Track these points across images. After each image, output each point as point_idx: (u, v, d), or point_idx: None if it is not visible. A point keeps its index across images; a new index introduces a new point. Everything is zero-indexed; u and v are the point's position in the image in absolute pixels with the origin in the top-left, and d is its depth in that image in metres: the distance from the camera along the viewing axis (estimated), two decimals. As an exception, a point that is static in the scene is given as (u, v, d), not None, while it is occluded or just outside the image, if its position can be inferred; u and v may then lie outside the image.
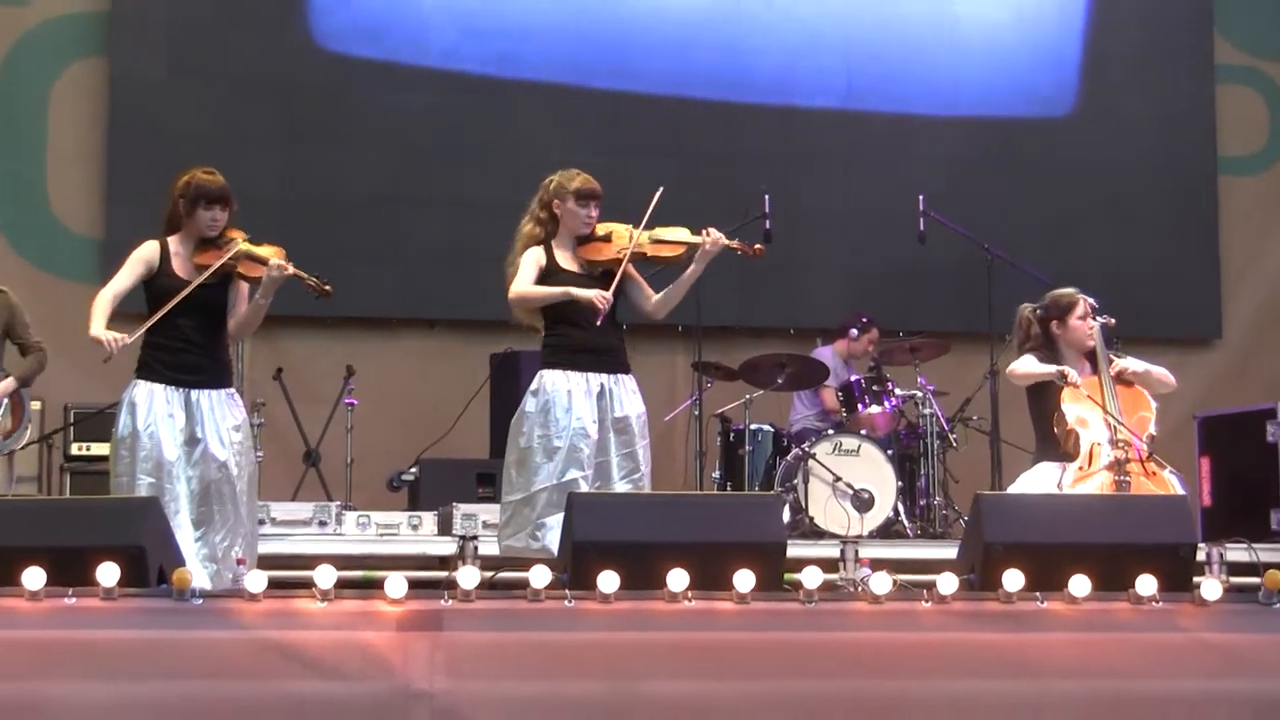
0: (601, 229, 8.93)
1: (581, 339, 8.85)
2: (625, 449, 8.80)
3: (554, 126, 14.58)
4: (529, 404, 8.89)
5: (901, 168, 14.52)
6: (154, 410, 8.40)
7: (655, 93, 14.95)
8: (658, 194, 8.91)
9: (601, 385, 8.82)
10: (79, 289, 13.41)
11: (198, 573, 8.03)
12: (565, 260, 8.92)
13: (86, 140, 14.30)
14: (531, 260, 8.92)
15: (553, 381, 8.84)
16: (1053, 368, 8.87)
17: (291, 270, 8.47)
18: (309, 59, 14.59)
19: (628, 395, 8.88)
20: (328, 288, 8.63)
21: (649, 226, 8.87)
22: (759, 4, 15.20)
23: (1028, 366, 8.97)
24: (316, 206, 13.39)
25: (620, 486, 8.72)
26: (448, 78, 14.81)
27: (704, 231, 8.80)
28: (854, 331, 13.16)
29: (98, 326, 8.39)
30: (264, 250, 8.54)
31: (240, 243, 8.52)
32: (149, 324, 8.45)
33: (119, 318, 8.51)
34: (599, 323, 8.68)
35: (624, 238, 8.85)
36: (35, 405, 12.20)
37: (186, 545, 8.19)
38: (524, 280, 8.91)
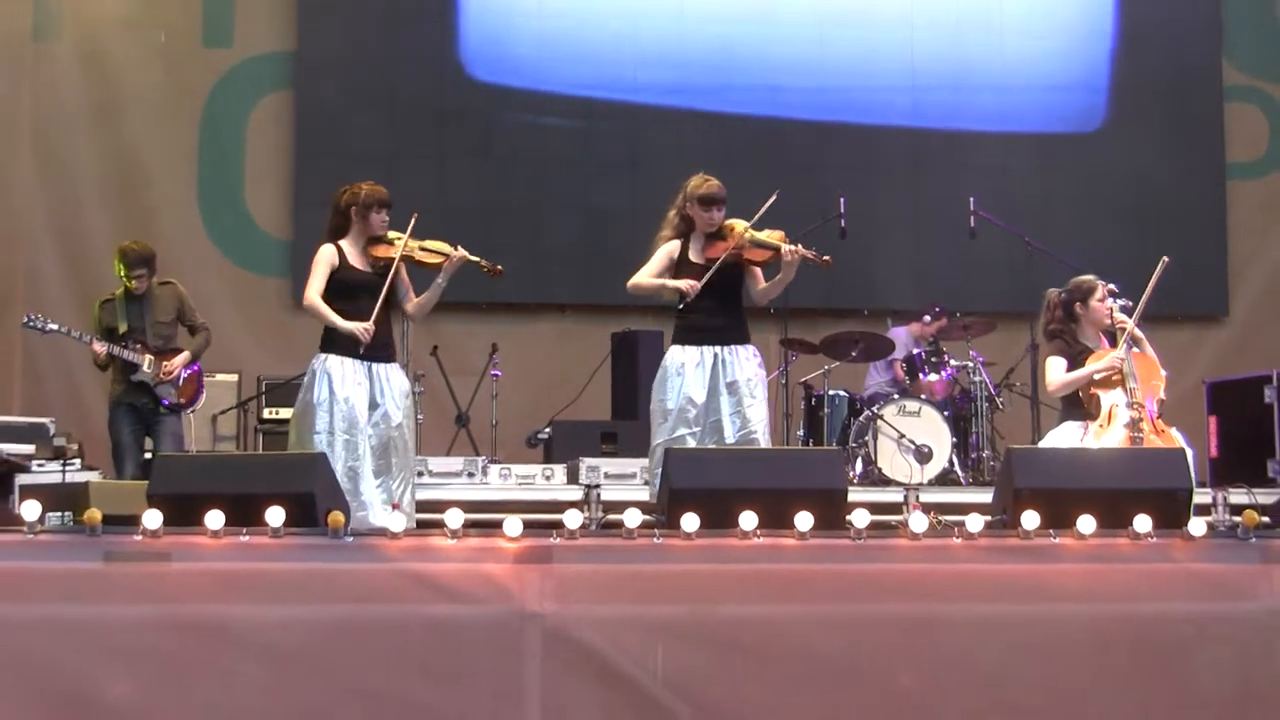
0: (726, 227, 8.97)
1: (696, 320, 8.96)
2: (736, 408, 8.83)
3: (667, 143, 14.56)
4: (658, 375, 9.07)
5: (956, 174, 14.43)
6: (346, 379, 8.60)
7: (752, 113, 14.95)
8: (771, 198, 8.95)
9: (715, 355, 8.89)
10: (271, 282, 13.66)
11: (379, 513, 8.18)
12: (694, 254, 9.02)
13: (277, 159, 14.50)
14: (663, 253, 9.09)
15: (671, 356, 9.01)
16: (1084, 371, 8.73)
17: (468, 256, 8.76)
18: (461, 88, 14.70)
19: (740, 362, 8.92)
20: (499, 268, 8.90)
21: (758, 227, 8.91)
22: (838, 40, 15.15)
23: (1062, 377, 8.82)
24: (468, 212, 13.40)
25: (734, 440, 8.77)
26: (578, 103, 14.90)
27: (789, 243, 8.83)
28: (927, 318, 13.10)
29: (344, 322, 8.65)
30: (435, 243, 8.79)
31: (406, 238, 8.72)
32: (374, 314, 8.64)
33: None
34: (688, 301, 8.82)
35: (734, 237, 8.90)
36: (233, 377, 12.41)
37: (370, 491, 8.36)
38: (642, 272, 9.11)
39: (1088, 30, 15.70)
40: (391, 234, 8.79)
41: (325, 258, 8.76)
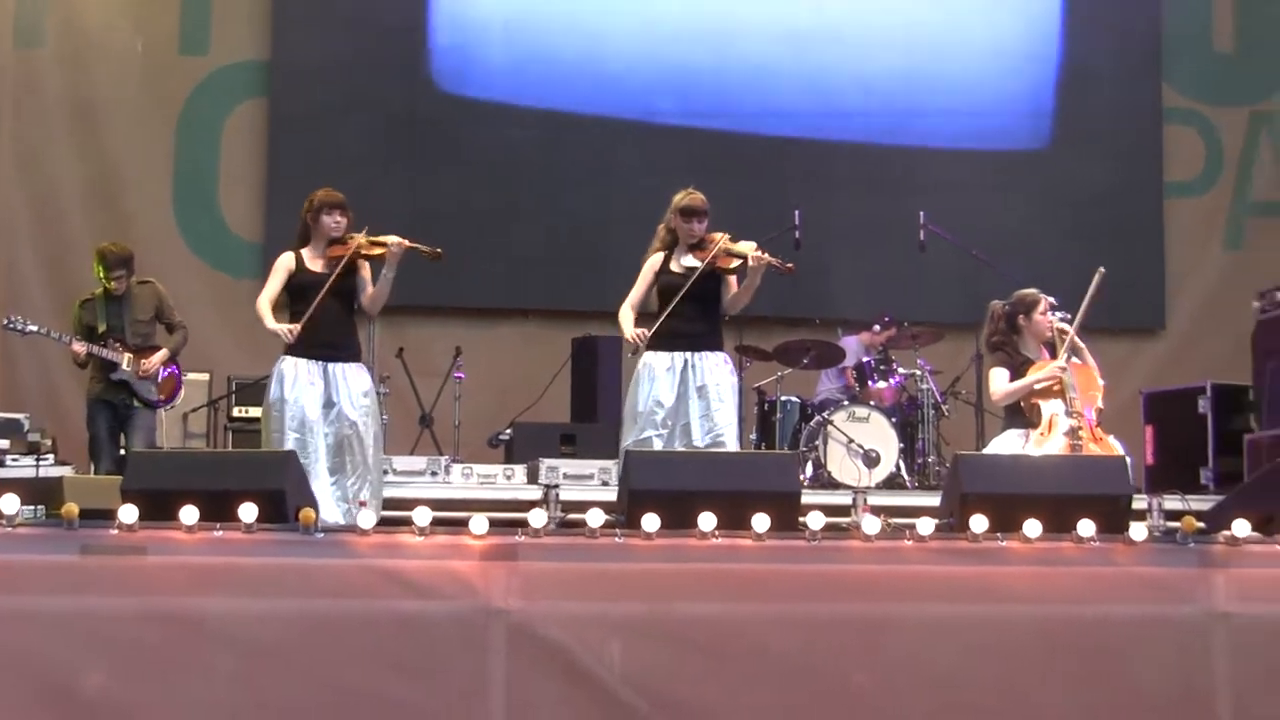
0: (707, 238, 9.04)
1: (670, 325, 8.97)
2: (705, 412, 8.89)
3: (630, 155, 14.59)
4: (632, 379, 9.13)
5: (907, 189, 14.43)
6: (299, 380, 8.60)
7: (712, 127, 14.95)
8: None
9: (685, 360, 8.94)
10: (243, 284, 13.60)
11: (332, 511, 8.17)
12: (677, 265, 9.08)
13: (251, 164, 14.45)
14: (647, 269, 9.17)
15: (644, 360, 9.04)
16: (1026, 381, 8.75)
17: (408, 244, 8.71)
18: (432, 98, 14.67)
19: (710, 368, 8.98)
20: (439, 250, 8.85)
21: (734, 239, 8.99)
22: (796, 59, 15.19)
23: (1005, 387, 8.83)
24: (436, 218, 13.34)
25: (703, 443, 8.82)
26: (545, 115, 14.87)
27: (758, 250, 8.91)
28: (877, 327, 13.13)
29: (272, 324, 8.69)
30: (384, 237, 8.76)
31: (362, 237, 8.73)
32: (307, 314, 8.63)
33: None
34: (635, 350, 9.01)
35: (712, 248, 8.98)
36: (204, 376, 12.35)
37: (323, 489, 8.35)
38: (631, 295, 9.17)
39: (1034, 52, 15.76)
40: (351, 236, 8.80)
41: (281, 264, 8.86)
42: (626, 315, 9.12)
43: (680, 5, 15.28)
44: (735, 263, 8.95)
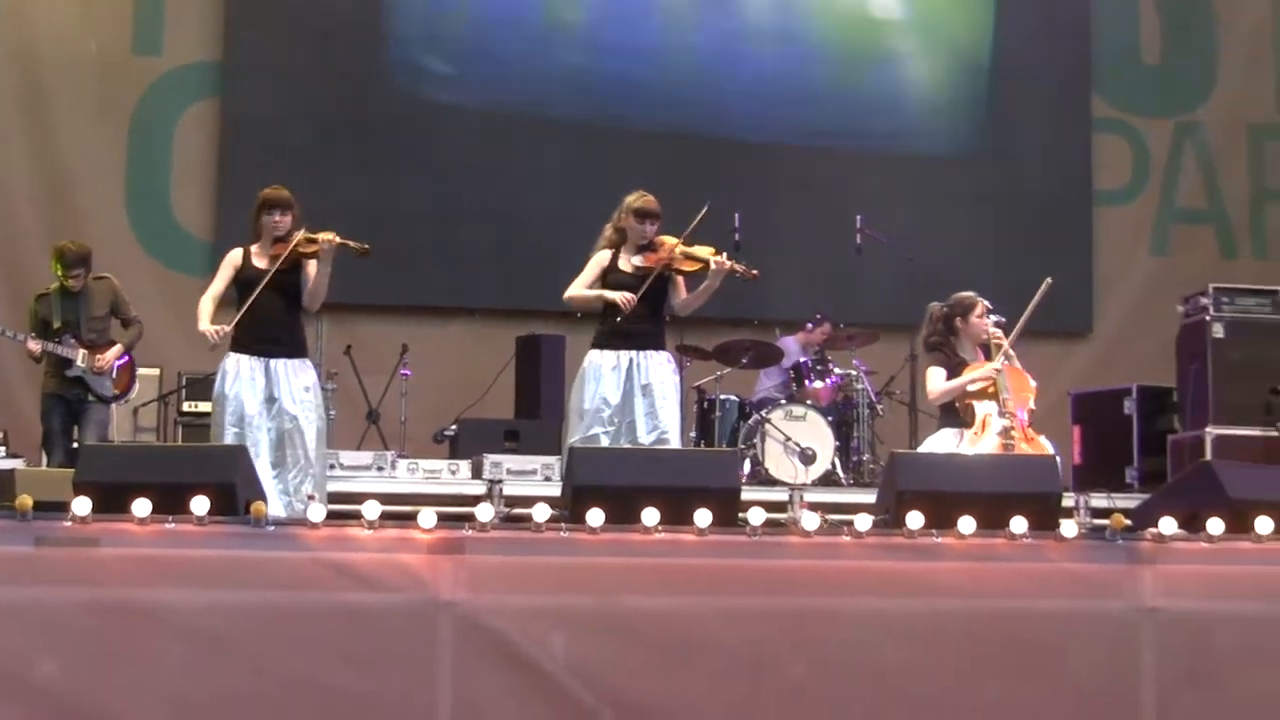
0: (657, 241, 9.03)
1: (615, 325, 8.96)
2: (650, 409, 8.90)
3: (575, 158, 14.58)
4: (577, 377, 9.10)
5: (846, 193, 14.46)
6: (240, 376, 8.60)
7: (655, 129, 14.94)
8: (703, 210, 9.14)
9: (631, 359, 8.94)
10: (194, 281, 13.38)
11: (274, 504, 8.13)
12: (625, 264, 9.06)
13: (203, 164, 14.37)
14: (594, 264, 9.11)
15: (590, 359, 9.05)
16: (961, 380, 8.78)
17: (339, 240, 8.66)
18: (384, 99, 14.60)
19: (655, 367, 8.99)
20: (366, 246, 8.77)
21: (688, 242, 9.00)
22: (736, 63, 15.23)
23: (941, 385, 8.86)
24: (386, 218, 13.31)
25: (647, 440, 8.83)
26: (492, 116, 14.82)
27: (720, 255, 8.94)
28: (809, 325, 13.23)
29: (204, 323, 8.67)
30: (320, 234, 8.71)
31: (302, 235, 8.70)
32: (242, 310, 8.58)
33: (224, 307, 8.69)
34: (628, 314, 8.83)
35: (666, 250, 8.96)
36: (154, 371, 12.26)
37: (265, 483, 8.28)
38: (577, 283, 9.12)
39: (968, 62, 15.84)
40: (298, 234, 8.78)
41: (228, 260, 8.88)
42: (586, 292, 9.09)
43: (625, 10, 15.29)
44: (695, 266, 8.95)
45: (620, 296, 8.88)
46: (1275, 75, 16.45)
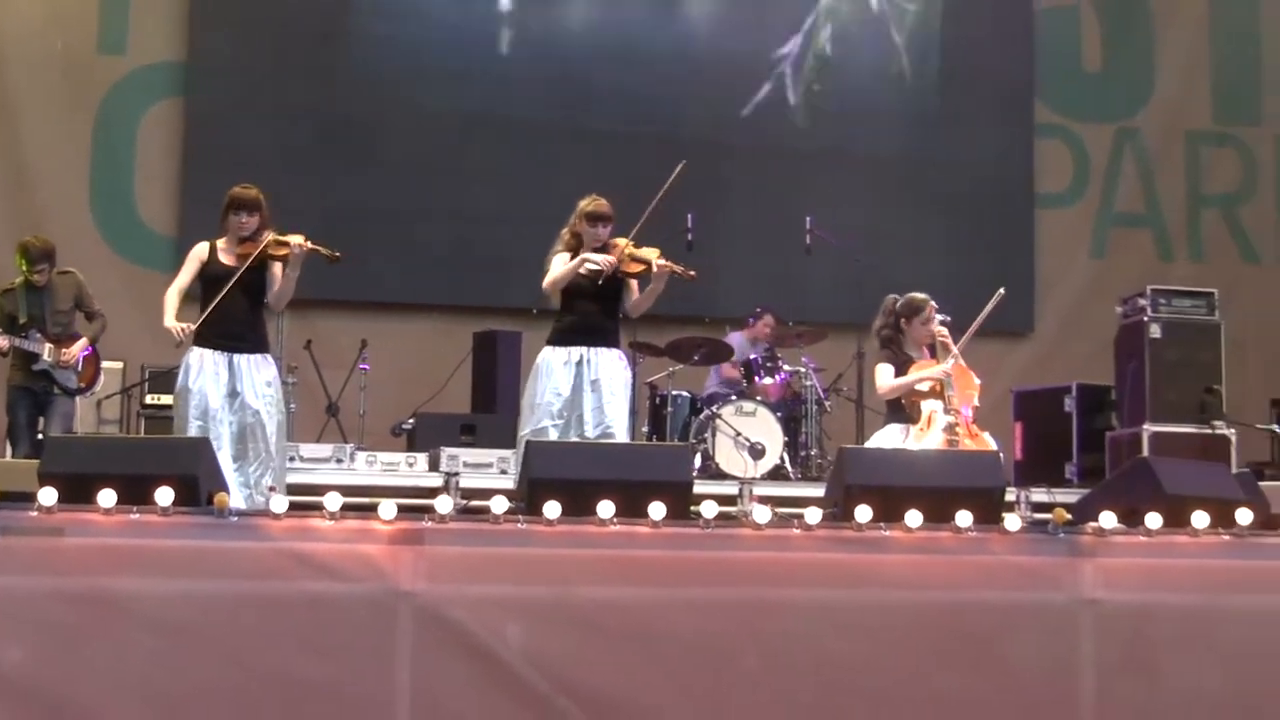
0: (610, 243, 9.02)
1: (570, 322, 9.03)
2: (598, 404, 8.89)
3: (533, 158, 14.55)
4: (531, 372, 9.11)
5: (796, 194, 14.48)
6: (204, 370, 8.53)
7: (611, 130, 14.95)
8: (664, 188, 9.26)
9: (582, 355, 8.94)
10: (158, 276, 13.32)
11: (235, 496, 8.08)
12: (583, 266, 9.01)
13: (167, 161, 14.29)
14: (559, 260, 9.07)
15: (543, 355, 9.05)
16: (910, 378, 8.82)
17: (310, 246, 8.60)
18: (345, 99, 14.53)
19: (606, 363, 8.98)
20: (338, 254, 8.71)
21: (637, 244, 9.00)
22: (692, 67, 15.29)
23: (890, 381, 8.89)
24: (346, 214, 13.29)
25: (593, 434, 8.82)
26: (451, 117, 14.80)
27: (662, 258, 8.95)
28: (751, 320, 13.28)
29: (169, 319, 8.60)
30: (290, 237, 8.65)
31: (271, 235, 8.60)
32: (210, 308, 8.55)
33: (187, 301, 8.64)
34: (609, 277, 8.91)
35: (616, 253, 8.97)
36: (118, 365, 12.22)
37: (227, 475, 8.23)
38: (549, 275, 9.06)
39: (916, 68, 15.89)
40: (266, 233, 8.72)
41: (194, 254, 8.77)
42: (565, 268, 9.01)
43: (581, 14, 15.29)
44: (639, 268, 8.97)
45: (604, 260, 8.91)
46: (1210, 84, 16.57)
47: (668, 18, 15.45)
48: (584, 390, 8.90)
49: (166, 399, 11.55)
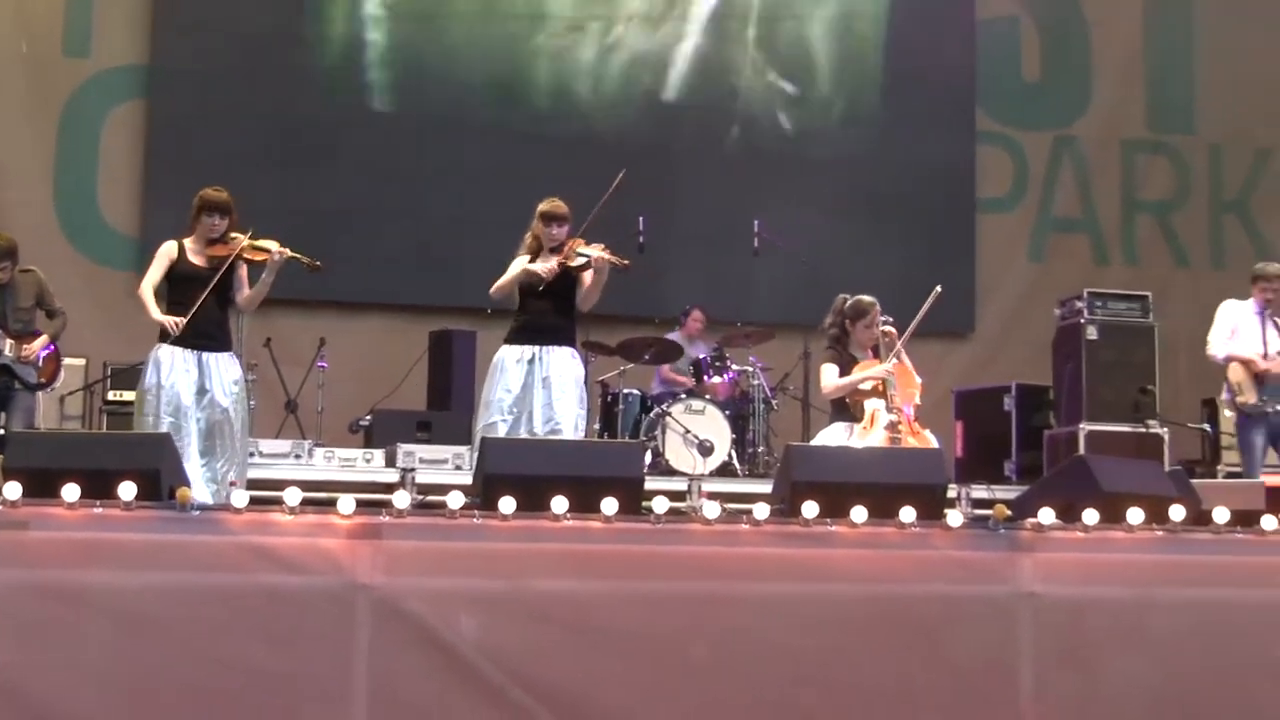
0: (567, 243, 9.08)
1: (523, 321, 9.10)
2: (548, 401, 8.93)
3: (488, 161, 14.52)
4: (489, 369, 9.16)
5: (744, 198, 14.48)
6: (174, 367, 8.50)
7: (566, 136, 14.95)
8: (616, 180, 9.37)
9: (534, 354, 8.99)
10: (120, 275, 13.42)
11: (202, 491, 8.06)
12: (539, 267, 9.08)
13: (130, 162, 14.21)
14: (516, 265, 9.13)
15: (500, 353, 9.11)
16: (854, 378, 8.86)
17: (289, 253, 8.64)
18: (303, 103, 14.50)
19: (557, 361, 9.03)
20: (319, 264, 8.76)
21: (587, 242, 9.06)
22: (641, 75, 15.32)
23: (835, 381, 8.93)
24: (304, 216, 13.23)
25: (542, 431, 8.85)
26: (411, 119, 14.80)
27: (603, 251, 9.01)
28: (682, 318, 13.44)
29: (156, 313, 8.58)
30: (265, 242, 8.64)
31: (245, 239, 8.59)
32: (191, 312, 8.51)
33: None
34: (548, 281, 8.98)
35: (566, 250, 9.04)
36: (80, 361, 12.15)
37: (194, 470, 8.26)
38: (496, 282, 9.15)
39: (861, 78, 15.96)
40: (234, 235, 8.69)
41: (164, 252, 8.72)
42: (508, 276, 9.11)
43: (532, 23, 15.28)
44: (580, 260, 9.02)
45: (543, 267, 8.97)
46: (1145, 94, 16.69)
47: (623, 26, 15.46)
48: (535, 387, 8.94)
49: (128, 395, 11.52)
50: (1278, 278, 10.72)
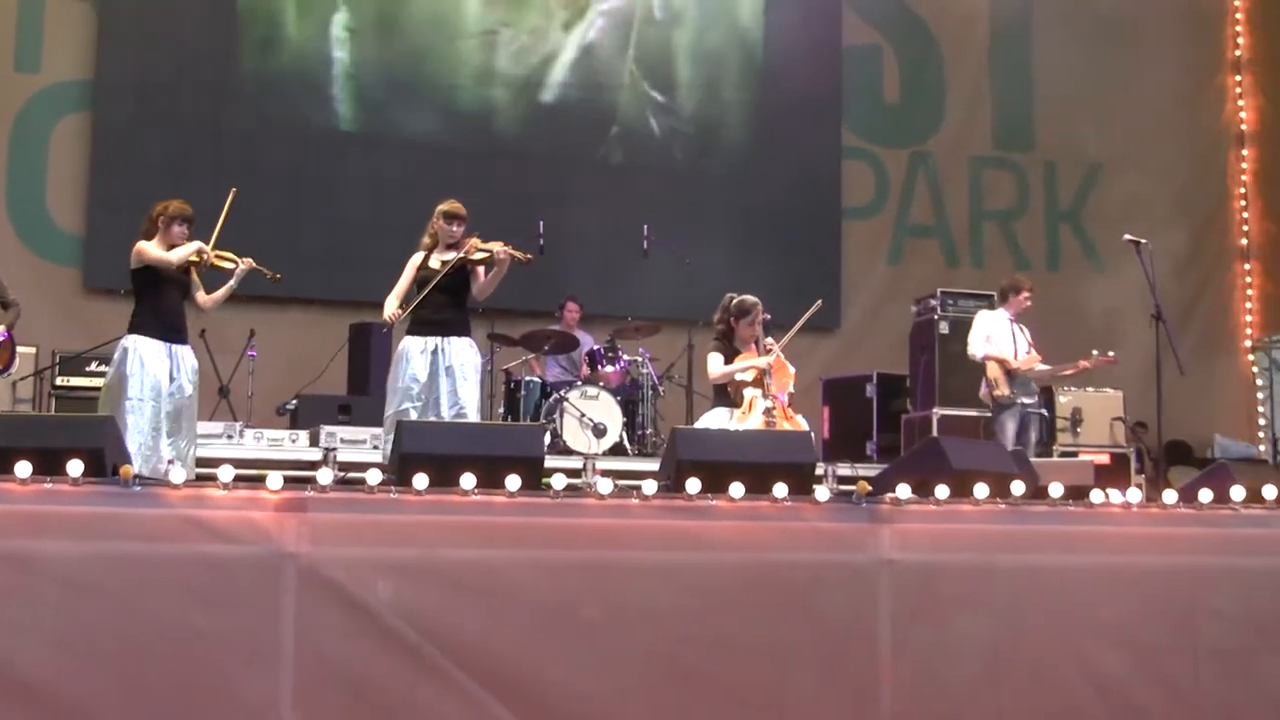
0: (464, 240, 9.06)
1: (422, 314, 9.03)
2: (452, 388, 8.90)
3: (402, 171, 14.45)
4: (393, 359, 9.13)
5: (632, 206, 14.48)
6: (153, 357, 8.53)
7: (472, 148, 14.88)
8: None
9: (435, 345, 8.95)
10: (67, 270, 13.23)
11: (175, 472, 8.00)
12: (435, 262, 9.08)
13: (76, 169, 13.94)
14: (411, 263, 9.16)
15: (403, 344, 9.07)
16: (736, 367, 8.92)
17: (254, 264, 8.80)
18: (233, 116, 14.31)
19: (457, 351, 8.99)
20: (279, 276, 8.89)
21: (484, 240, 9.00)
22: (547, 92, 15.27)
23: (720, 368, 9.01)
24: (235, 219, 12.98)
25: (448, 415, 8.83)
26: (333, 133, 14.73)
27: (504, 246, 8.95)
28: (558, 312, 13.41)
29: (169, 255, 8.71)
30: (227, 253, 8.81)
31: (211, 248, 8.76)
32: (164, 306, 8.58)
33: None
34: (387, 328, 9.24)
35: (464, 246, 9.01)
36: (31, 350, 11.95)
37: (164, 448, 8.40)
38: (396, 286, 9.19)
39: (740, 96, 16.01)
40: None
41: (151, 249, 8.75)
42: (390, 302, 9.13)
43: (445, 37, 15.21)
44: (482, 255, 8.99)
45: (388, 314, 9.07)
46: (990, 115, 16.89)
47: (529, 45, 15.44)
48: (439, 376, 8.92)
49: (76, 381, 11.56)
50: (1030, 290, 11.27)
